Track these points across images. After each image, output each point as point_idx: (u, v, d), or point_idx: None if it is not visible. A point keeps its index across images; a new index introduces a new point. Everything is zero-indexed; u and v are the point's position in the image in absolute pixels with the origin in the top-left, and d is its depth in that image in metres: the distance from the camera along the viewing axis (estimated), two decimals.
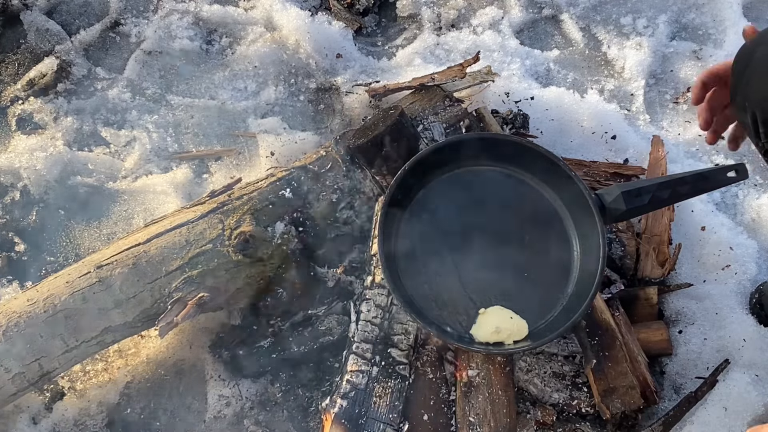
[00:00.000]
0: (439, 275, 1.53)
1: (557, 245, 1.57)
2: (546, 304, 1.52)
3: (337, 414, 1.42)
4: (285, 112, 2.06)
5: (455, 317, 1.49)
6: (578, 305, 1.44)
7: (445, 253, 1.54)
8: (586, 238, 1.54)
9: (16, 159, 1.91)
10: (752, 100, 1.10)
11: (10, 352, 1.42)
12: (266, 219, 1.59)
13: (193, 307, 1.47)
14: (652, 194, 1.46)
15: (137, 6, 2.25)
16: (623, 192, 1.47)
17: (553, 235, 1.58)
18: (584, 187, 1.52)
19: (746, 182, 1.99)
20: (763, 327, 1.65)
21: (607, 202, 1.49)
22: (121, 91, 2.08)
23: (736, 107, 1.17)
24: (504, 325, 1.47)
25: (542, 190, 1.61)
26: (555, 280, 1.54)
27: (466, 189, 1.61)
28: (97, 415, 1.57)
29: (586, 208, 1.50)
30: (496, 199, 1.61)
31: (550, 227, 1.59)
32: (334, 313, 1.61)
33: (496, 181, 1.62)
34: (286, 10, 2.18)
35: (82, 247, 1.83)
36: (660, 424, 1.51)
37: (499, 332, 1.46)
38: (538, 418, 1.54)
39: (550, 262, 1.56)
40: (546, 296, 1.53)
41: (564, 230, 1.59)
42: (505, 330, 1.46)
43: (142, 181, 1.92)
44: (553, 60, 2.20)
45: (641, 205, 1.47)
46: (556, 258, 1.56)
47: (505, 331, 1.46)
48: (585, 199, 1.51)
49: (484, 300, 1.51)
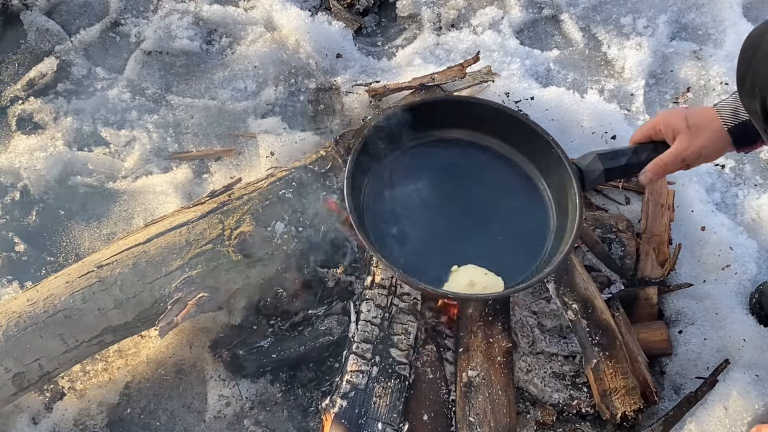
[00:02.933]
0: (411, 238, 1.52)
1: (533, 210, 1.58)
2: (521, 265, 1.52)
3: (337, 414, 1.42)
4: (285, 112, 2.06)
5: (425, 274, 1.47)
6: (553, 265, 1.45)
7: (418, 217, 1.54)
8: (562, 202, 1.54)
9: (16, 159, 1.91)
10: (762, 85, 1.11)
11: (10, 352, 1.42)
12: (266, 219, 1.59)
13: (193, 307, 1.47)
14: (628, 156, 1.45)
15: (137, 6, 2.25)
16: (599, 154, 1.47)
17: (529, 200, 1.59)
18: (562, 151, 1.52)
19: (746, 182, 1.99)
20: (763, 327, 1.66)
21: (583, 166, 1.49)
22: (121, 91, 2.08)
23: (745, 94, 1.17)
24: (478, 279, 1.44)
25: (517, 157, 1.62)
26: (531, 243, 1.55)
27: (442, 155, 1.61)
28: (97, 415, 1.57)
29: (563, 173, 1.51)
30: (472, 165, 1.61)
31: (526, 192, 1.60)
32: (334, 313, 1.61)
33: (471, 147, 1.63)
34: (286, 10, 2.18)
35: (82, 247, 1.83)
36: (660, 424, 1.51)
37: (473, 285, 1.43)
38: (538, 418, 1.54)
39: (526, 227, 1.57)
40: (521, 259, 1.53)
41: (539, 195, 1.59)
42: (480, 283, 1.44)
43: (142, 181, 1.92)
44: (553, 60, 2.20)
45: (619, 166, 1.46)
46: (532, 222, 1.57)
47: (479, 285, 1.43)
48: (562, 164, 1.51)
49: (456, 259, 1.50)
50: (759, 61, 1.12)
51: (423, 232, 1.54)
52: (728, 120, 1.32)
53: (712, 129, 1.34)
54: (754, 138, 1.32)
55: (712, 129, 1.34)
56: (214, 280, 1.52)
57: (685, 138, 1.36)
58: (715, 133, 1.34)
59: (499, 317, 1.56)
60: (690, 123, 1.35)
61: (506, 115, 1.59)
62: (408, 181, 1.59)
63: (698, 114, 1.36)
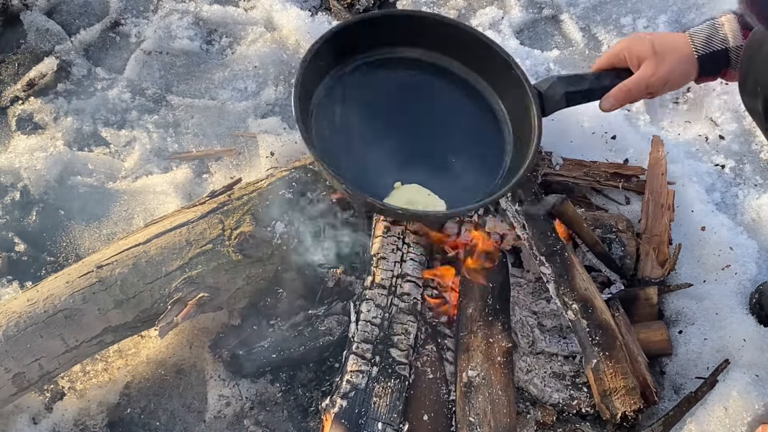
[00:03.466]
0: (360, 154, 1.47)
1: (490, 134, 1.52)
2: (470, 190, 1.47)
3: (337, 414, 1.42)
4: (285, 112, 2.06)
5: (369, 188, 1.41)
6: None
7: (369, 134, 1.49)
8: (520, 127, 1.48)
9: (16, 159, 1.91)
10: (764, 84, 1.11)
11: (10, 352, 1.42)
12: (266, 219, 1.59)
13: (193, 307, 1.47)
14: (590, 81, 1.40)
15: (137, 6, 2.25)
16: (560, 77, 1.42)
17: (486, 123, 1.53)
18: (521, 73, 1.46)
19: (746, 182, 1.99)
20: (763, 327, 1.65)
21: (543, 89, 1.43)
22: (121, 91, 2.08)
23: (747, 93, 1.16)
24: (418, 199, 1.40)
25: (475, 79, 1.56)
26: (483, 169, 1.50)
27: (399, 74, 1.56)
28: (97, 415, 1.57)
29: (523, 96, 1.44)
30: (428, 85, 1.56)
31: (483, 116, 1.54)
32: (334, 313, 1.61)
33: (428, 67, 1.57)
34: (286, 10, 2.18)
35: (82, 247, 1.83)
36: (660, 424, 1.51)
37: (413, 204, 1.39)
38: (538, 418, 1.54)
39: (481, 151, 1.51)
40: (471, 183, 1.48)
41: (497, 119, 1.54)
42: (419, 203, 1.40)
43: (142, 181, 1.92)
44: (553, 60, 2.20)
45: (580, 90, 1.41)
46: (488, 147, 1.52)
47: (419, 204, 1.40)
48: (522, 86, 1.44)
49: (403, 178, 1.46)
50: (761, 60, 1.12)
51: (372, 148, 1.47)
52: (700, 47, 1.27)
53: (680, 54, 1.28)
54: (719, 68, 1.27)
55: (681, 54, 1.28)
56: (214, 280, 1.52)
57: (650, 64, 1.30)
58: (683, 58, 1.28)
59: (499, 317, 1.56)
60: (657, 49, 1.29)
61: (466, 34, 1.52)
62: (361, 97, 1.52)
63: (666, 39, 1.31)
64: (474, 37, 1.51)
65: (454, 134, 1.52)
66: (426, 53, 1.59)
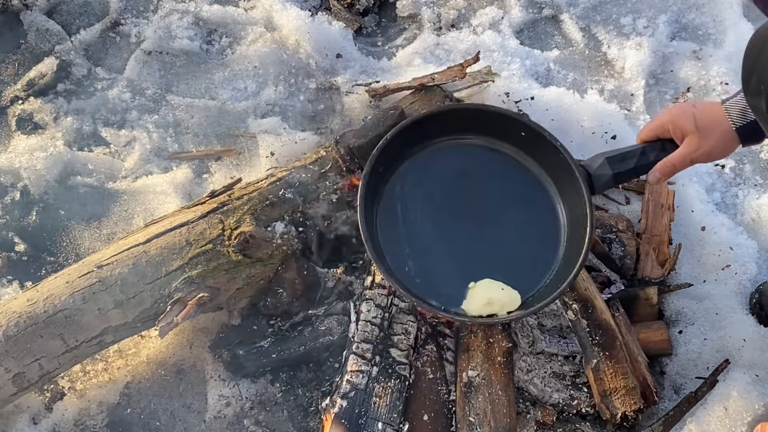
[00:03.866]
0: (425, 252, 1.50)
1: (544, 216, 1.56)
2: (535, 275, 1.50)
3: (337, 414, 1.42)
4: (285, 112, 2.06)
5: (442, 292, 1.47)
6: (568, 273, 1.43)
7: (430, 229, 1.52)
8: (573, 208, 1.52)
9: (16, 159, 1.91)
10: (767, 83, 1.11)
11: (10, 352, 1.42)
12: (266, 219, 1.59)
13: (193, 307, 1.47)
14: (637, 158, 1.44)
15: (137, 6, 2.25)
16: (608, 158, 1.45)
17: (539, 206, 1.57)
18: (569, 156, 1.50)
19: (746, 182, 1.99)
20: (763, 327, 1.66)
21: (592, 170, 1.47)
22: (121, 91, 2.07)
23: (751, 92, 1.16)
24: (495, 296, 1.43)
25: (526, 162, 1.59)
26: (543, 250, 1.53)
27: (450, 162, 1.59)
28: (97, 415, 1.57)
29: (572, 178, 1.49)
30: (480, 171, 1.59)
31: (535, 199, 1.57)
32: (334, 313, 1.61)
33: (479, 153, 1.60)
34: (286, 10, 2.18)
35: (82, 247, 1.83)
36: (660, 424, 1.51)
37: (491, 304, 1.42)
38: (538, 418, 1.54)
39: (538, 233, 1.55)
40: (535, 268, 1.51)
41: (550, 200, 1.57)
42: (497, 301, 1.43)
43: (142, 181, 1.92)
44: (553, 60, 2.20)
45: (628, 169, 1.45)
46: (544, 229, 1.55)
47: (497, 303, 1.43)
48: (570, 169, 1.48)
49: (472, 274, 1.48)
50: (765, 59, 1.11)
51: (437, 244, 1.52)
52: (737, 120, 1.31)
53: (720, 130, 1.33)
54: (761, 135, 1.31)
55: (721, 130, 1.33)
56: (214, 280, 1.52)
57: (694, 139, 1.35)
58: (724, 133, 1.33)
59: None
60: (699, 124, 1.34)
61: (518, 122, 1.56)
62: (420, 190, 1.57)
63: (706, 114, 1.35)
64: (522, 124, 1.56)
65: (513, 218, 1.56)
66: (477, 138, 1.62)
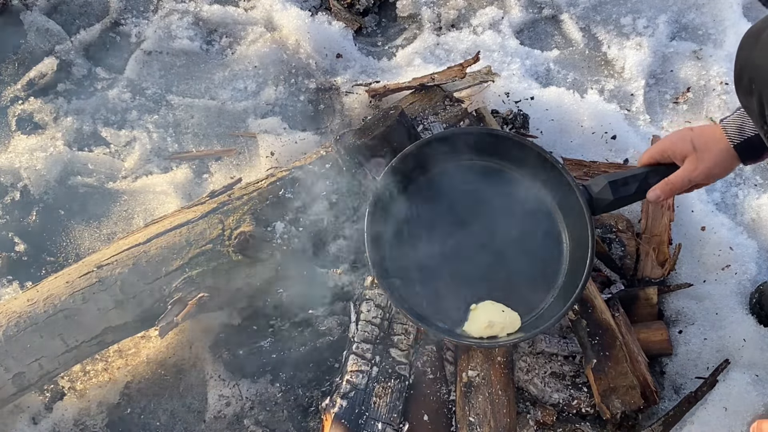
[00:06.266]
0: (429, 272, 1.52)
1: (546, 237, 1.57)
2: (537, 296, 1.52)
3: (337, 414, 1.42)
4: (285, 112, 2.06)
5: (447, 314, 1.49)
6: (569, 295, 1.44)
7: (435, 250, 1.54)
8: (575, 229, 1.54)
9: (16, 159, 1.91)
10: (759, 81, 1.11)
11: (10, 352, 1.42)
12: (266, 219, 1.59)
13: (193, 307, 1.48)
14: (638, 183, 1.45)
15: (137, 6, 2.25)
16: (610, 182, 1.46)
17: (542, 227, 1.58)
18: (571, 178, 1.51)
19: (746, 182, 1.99)
20: (763, 327, 1.66)
21: (594, 193, 1.48)
22: (121, 91, 2.08)
23: (742, 91, 1.17)
24: (496, 319, 1.46)
25: (529, 183, 1.60)
26: (545, 272, 1.54)
27: (454, 184, 1.60)
28: (97, 415, 1.57)
29: (574, 200, 1.50)
30: (484, 193, 1.60)
31: (538, 220, 1.58)
32: (334, 313, 1.61)
33: (483, 175, 1.62)
34: (286, 10, 2.18)
35: (82, 247, 1.83)
36: (660, 424, 1.51)
37: (492, 326, 1.45)
38: (538, 418, 1.54)
39: (540, 255, 1.56)
40: (537, 288, 1.53)
41: (553, 222, 1.58)
42: (498, 324, 1.45)
43: (142, 181, 1.92)
44: (553, 60, 2.20)
45: (628, 195, 1.46)
46: (546, 250, 1.56)
47: (498, 325, 1.45)
48: (572, 191, 1.50)
49: (474, 295, 1.50)
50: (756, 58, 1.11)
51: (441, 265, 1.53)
52: (734, 137, 1.32)
53: (718, 149, 1.34)
54: (760, 152, 1.32)
55: (719, 149, 1.34)
56: (214, 280, 1.52)
57: (692, 160, 1.37)
58: (722, 152, 1.34)
59: None
60: (696, 146, 1.36)
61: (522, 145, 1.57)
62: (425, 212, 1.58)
63: (704, 136, 1.37)
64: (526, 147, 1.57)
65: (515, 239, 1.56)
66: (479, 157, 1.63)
